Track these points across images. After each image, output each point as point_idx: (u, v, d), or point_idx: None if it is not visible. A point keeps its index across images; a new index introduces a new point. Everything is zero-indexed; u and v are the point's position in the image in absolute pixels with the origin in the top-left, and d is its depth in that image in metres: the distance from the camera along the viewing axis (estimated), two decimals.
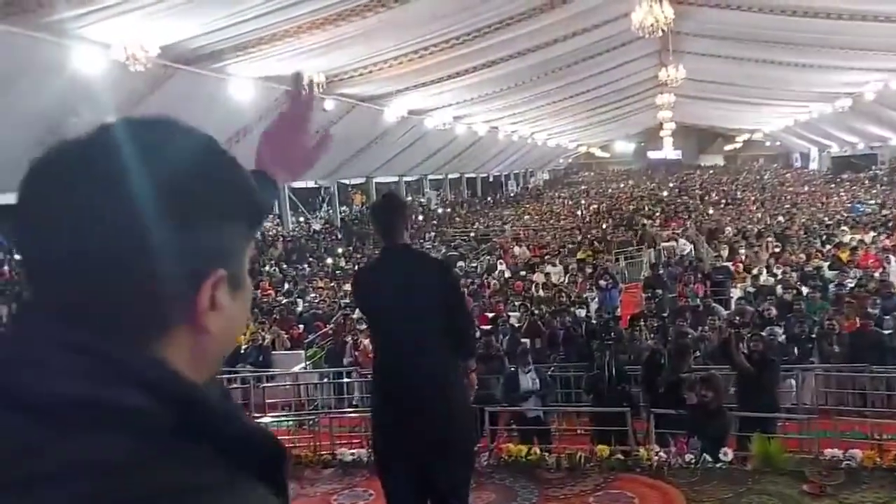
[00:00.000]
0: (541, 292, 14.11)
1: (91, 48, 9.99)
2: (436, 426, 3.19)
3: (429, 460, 3.23)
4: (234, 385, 10.26)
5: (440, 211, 33.95)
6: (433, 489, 3.30)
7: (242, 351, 11.27)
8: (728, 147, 56.82)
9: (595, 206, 30.61)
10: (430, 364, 3.22)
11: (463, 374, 3.49)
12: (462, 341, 3.39)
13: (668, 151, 51.68)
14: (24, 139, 11.41)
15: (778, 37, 16.98)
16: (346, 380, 10.28)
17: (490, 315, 12.02)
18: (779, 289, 12.09)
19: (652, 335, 9.65)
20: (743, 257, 15.53)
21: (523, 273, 16.76)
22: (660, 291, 13.35)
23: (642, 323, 10.35)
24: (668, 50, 19.62)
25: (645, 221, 22.85)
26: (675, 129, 43.44)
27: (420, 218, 29.72)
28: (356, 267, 15.92)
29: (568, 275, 15.93)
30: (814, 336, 9.68)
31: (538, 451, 4.95)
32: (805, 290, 11.81)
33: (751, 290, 12.82)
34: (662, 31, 13.24)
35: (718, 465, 4.55)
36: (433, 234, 25.13)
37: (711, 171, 48.59)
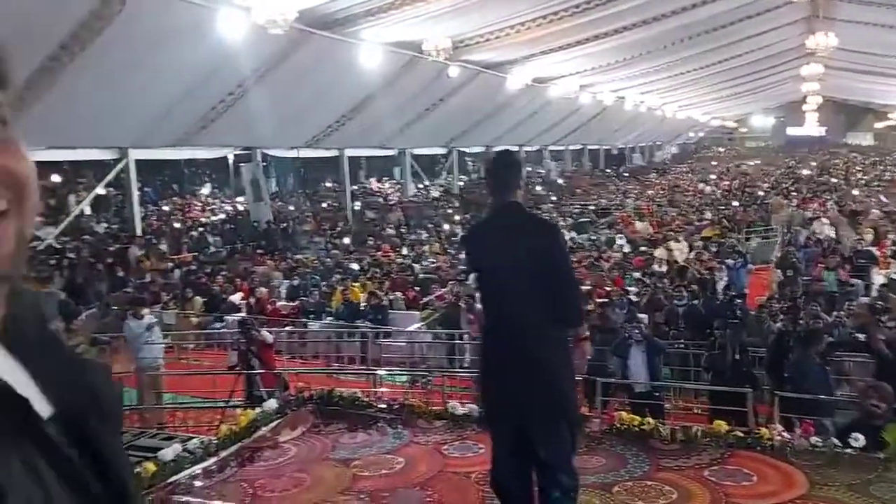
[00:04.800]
0: (663, 268, 13.65)
1: (233, 11, 10.51)
2: (537, 390, 3.14)
3: (531, 424, 3.18)
4: (354, 339, 10.81)
5: (560, 182, 33.42)
6: (536, 453, 3.23)
7: (362, 308, 11.75)
8: (879, 124, 52.09)
9: (727, 182, 29.09)
10: (535, 326, 3.15)
11: (571, 340, 3.36)
12: (568, 308, 3.25)
13: (811, 127, 48.15)
14: (169, 97, 12.27)
15: None
16: (457, 341, 10.46)
17: (608, 289, 11.79)
18: None
19: (781, 317, 9.13)
20: (889, 242, 14.33)
21: (644, 248, 16.28)
22: (791, 273, 12.59)
23: (772, 304, 9.82)
24: (818, 16, 18.14)
25: (783, 201, 21.47)
26: (821, 103, 40.29)
27: (539, 188, 29.41)
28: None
29: (693, 252, 15.29)
30: None
31: (651, 422, 4.84)
32: None
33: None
34: None
35: (847, 451, 4.27)
36: (551, 205, 24.81)
37: (860, 151, 44.80)
